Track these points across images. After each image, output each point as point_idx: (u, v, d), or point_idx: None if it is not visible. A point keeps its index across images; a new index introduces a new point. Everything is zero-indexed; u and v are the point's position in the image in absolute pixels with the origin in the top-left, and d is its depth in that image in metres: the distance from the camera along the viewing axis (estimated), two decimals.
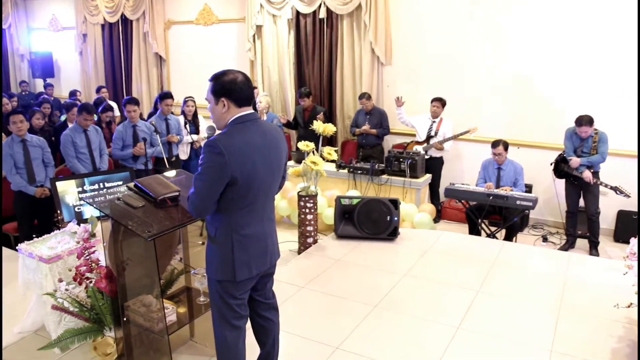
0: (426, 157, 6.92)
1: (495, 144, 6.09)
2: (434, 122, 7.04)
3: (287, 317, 3.28)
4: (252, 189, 2.67)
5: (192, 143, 7.27)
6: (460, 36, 7.20)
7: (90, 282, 3.50)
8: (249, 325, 3.07)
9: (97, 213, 4.41)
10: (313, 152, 5.58)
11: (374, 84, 7.90)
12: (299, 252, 5.62)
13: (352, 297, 4.45)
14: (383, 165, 6.86)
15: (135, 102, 6.56)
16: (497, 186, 6.07)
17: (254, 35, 8.77)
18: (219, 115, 2.70)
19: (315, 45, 8.33)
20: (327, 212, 6.37)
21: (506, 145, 6.09)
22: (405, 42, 7.65)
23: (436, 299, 4.45)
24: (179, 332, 3.34)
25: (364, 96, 7.39)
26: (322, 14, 8.06)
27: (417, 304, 4.34)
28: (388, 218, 5.60)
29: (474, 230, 6.19)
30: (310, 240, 5.62)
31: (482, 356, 3.63)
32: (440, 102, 6.98)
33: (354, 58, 8.03)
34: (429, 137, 7.04)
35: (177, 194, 3.09)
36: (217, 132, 2.77)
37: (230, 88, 2.63)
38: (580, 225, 6.27)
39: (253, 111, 2.73)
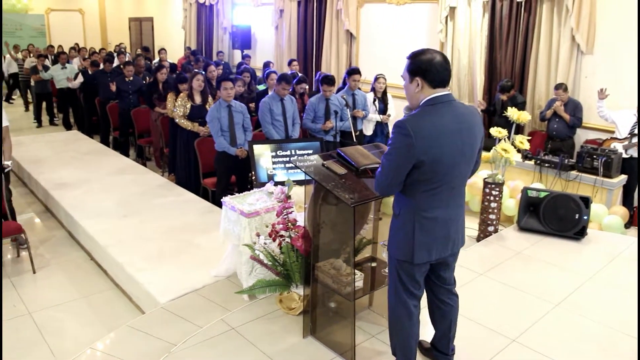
0: (625, 156, 6.38)
1: None
2: None
3: (463, 302, 3.26)
4: (438, 173, 2.63)
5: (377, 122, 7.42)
6: None
7: (284, 239, 3.78)
8: (425, 302, 3.10)
9: (292, 177, 4.73)
10: (505, 139, 5.43)
11: (570, 73, 7.40)
12: (478, 239, 5.54)
13: (531, 291, 4.30)
14: (573, 160, 6.47)
15: (331, 82, 6.73)
16: None
17: (446, 17, 8.62)
18: (412, 94, 2.69)
19: (510, 31, 7.99)
20: (507, 203, 6.17)
21: None
22: (611, 29, 7.01)
23: (625, 309, 4.12)
24: (359, 299, 3.48)
25: (561, 87, 6.99)
26: None
27: (603, 310, 4.07)
28: (577, 216, 5.27)
29: None
30: (491, 228, 5.51)
31: None
32: None
33: (551, 45, 7.57)
34: (631, 135, 6.48)
35: (377, 165, 3.18)
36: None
37: (426, 69, 2.60)
38: None
39: (448, 92, 2.68)
